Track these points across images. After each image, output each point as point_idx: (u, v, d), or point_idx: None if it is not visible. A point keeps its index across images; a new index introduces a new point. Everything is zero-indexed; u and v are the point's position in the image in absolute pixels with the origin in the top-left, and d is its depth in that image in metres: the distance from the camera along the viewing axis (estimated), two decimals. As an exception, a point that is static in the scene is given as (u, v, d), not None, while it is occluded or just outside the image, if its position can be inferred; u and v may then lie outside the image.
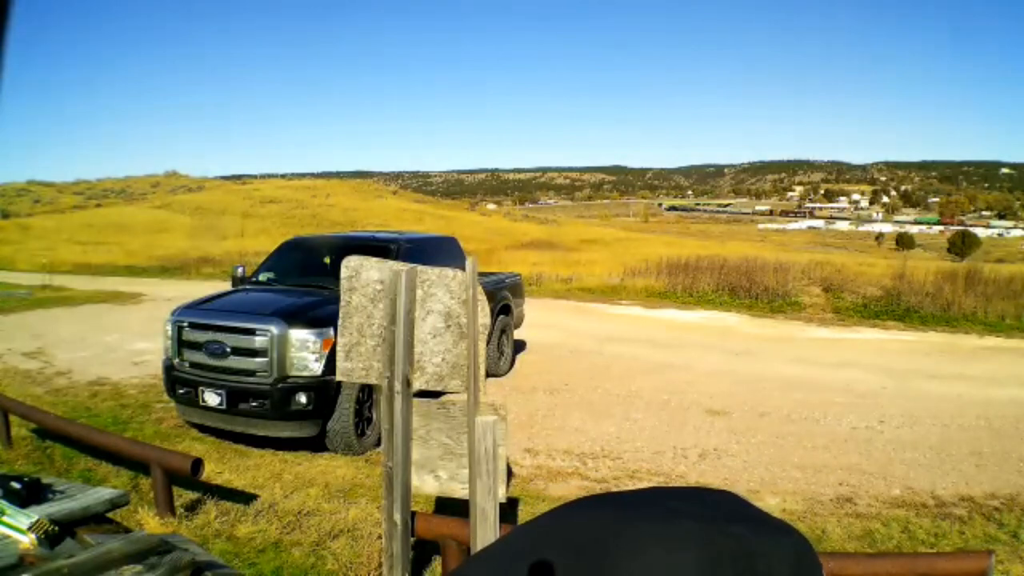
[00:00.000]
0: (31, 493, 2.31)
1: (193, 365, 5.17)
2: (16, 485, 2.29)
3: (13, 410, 4.81)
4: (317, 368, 4.91)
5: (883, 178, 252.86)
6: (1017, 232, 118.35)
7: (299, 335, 4.92)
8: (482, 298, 2.44)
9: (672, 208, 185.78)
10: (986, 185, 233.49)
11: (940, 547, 3.57)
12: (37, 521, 1.90)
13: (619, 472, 4.81)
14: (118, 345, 9.07)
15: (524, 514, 3.93)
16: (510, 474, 4.51)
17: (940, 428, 5.90)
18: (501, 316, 7.68)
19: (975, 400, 6.85)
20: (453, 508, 3.10)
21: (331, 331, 4.80)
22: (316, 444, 5.11)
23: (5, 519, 1.89)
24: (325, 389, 4.91)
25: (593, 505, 0.98)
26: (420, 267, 2.47)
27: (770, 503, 4.23)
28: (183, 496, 3.90)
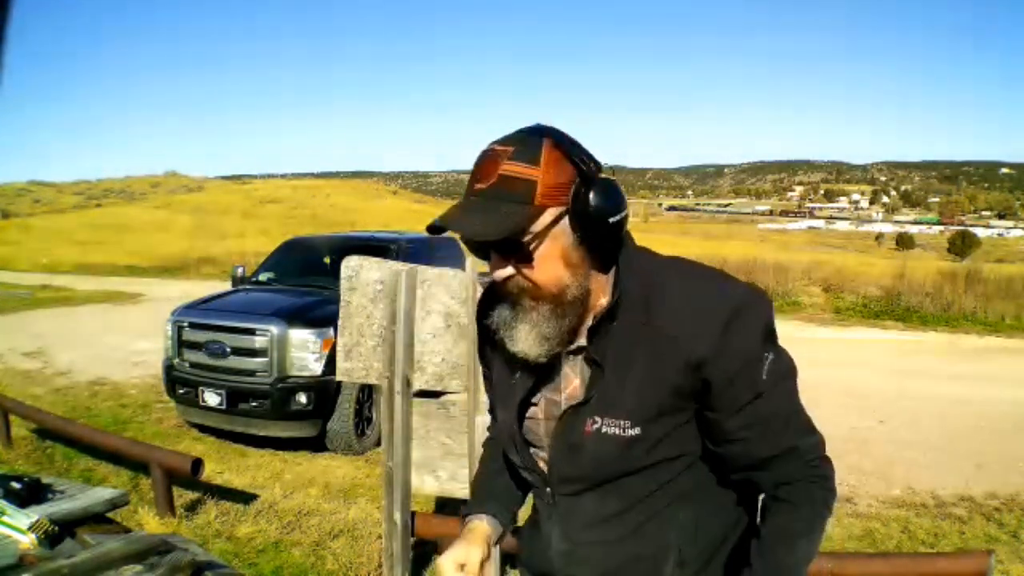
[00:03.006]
0: (31, 493, 2.31)
1: (193, 365, 5.17)
2: (16, 485, 2.28)
3: (13, 410, 4.80)
4: (317, 368, 4.91)
5: (883, 178, 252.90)
6: (1017, 232, 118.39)
7: (299, 335, 4.92)
8: (482, 298, 2.44)
9: (672, 208, 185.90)
10: (986, 185, 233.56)
11: (940, 547, 3.57)
12: (37, 521, 1.90)
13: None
14: (118, 345, 9.06)
15: (523, 513, 3.92)
16: (510, 474, 4.49)
17: (940, 428, 5.90)
18: (501, 316, 7.67)
19: (975, 400, 6.85)
20: (453, 508, 3.10)
21: (331, 331, 4.80)
22: (316, 444, 5.11)
23: (5, 519, 1.89)
24: (325, 389, 4.91)
25: None
26: (420, 267, 2.47)
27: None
28: (183, 496, 3.90)
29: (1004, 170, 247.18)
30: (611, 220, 0.91)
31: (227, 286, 6.55)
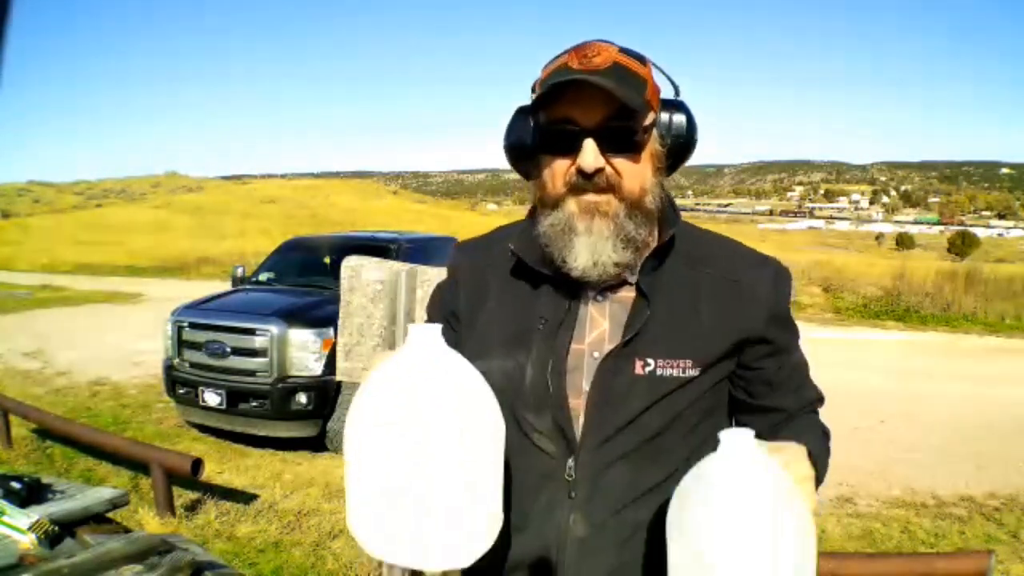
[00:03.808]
0: (31, 493, 2.31)
1: (193, 365, 5.17)
2: (16, 485, 2.28)
3: (13, 410, 4.81)
4: (317, 368, 4.91)
5: (883, 178, 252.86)
6: (1017, 232, 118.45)
7: (299, 335, 4.92)
8: (482, 298, 2.43)
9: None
10: (986, 185, 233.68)
11: (940, 547, 3.57)
12: (37, 521, 1.90)
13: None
14: (118, 345, 9.06)
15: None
16: (510, 474, 4.49)
17: (940, 428, 5.90)
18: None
19: (975, 400, 6.85)
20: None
21: (331, 331, 4.80)
22: (316, 444, 5.12)
23: (5, 519, 1.89)
24: (325, 389, 4.91)
25: None
26: (420, 267, 2.47)
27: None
28: (183, 496, 3.90)
29: (1004, 170, 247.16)
30: (695, 138, 0.95)
31: (227, 286, 6.55)
